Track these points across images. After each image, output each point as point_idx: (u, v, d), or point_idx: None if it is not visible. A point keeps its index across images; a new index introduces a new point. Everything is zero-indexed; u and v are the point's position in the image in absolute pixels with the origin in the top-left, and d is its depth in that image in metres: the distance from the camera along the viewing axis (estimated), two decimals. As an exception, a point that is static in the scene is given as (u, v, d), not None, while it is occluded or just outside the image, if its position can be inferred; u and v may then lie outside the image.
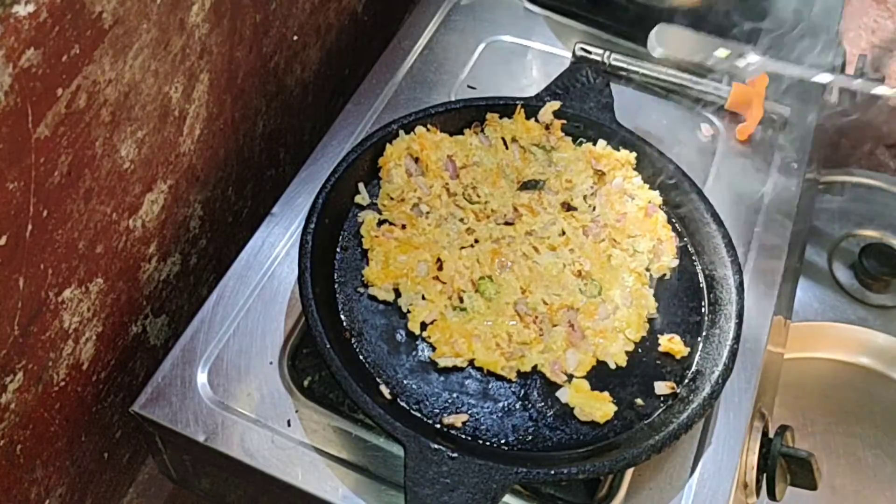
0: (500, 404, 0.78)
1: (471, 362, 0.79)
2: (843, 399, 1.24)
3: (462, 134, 0.93)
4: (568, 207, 0.89)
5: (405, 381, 0.78)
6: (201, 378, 0.80)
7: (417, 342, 0.80)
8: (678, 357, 0.81)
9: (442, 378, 0.78)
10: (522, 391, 0.79)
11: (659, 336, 0.83)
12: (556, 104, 0.93)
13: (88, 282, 0.78)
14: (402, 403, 0.76)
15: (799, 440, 0.87)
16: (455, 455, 0.70)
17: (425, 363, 0.79)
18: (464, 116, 0.94)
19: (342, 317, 0.81)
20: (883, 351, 1.26)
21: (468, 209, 0.87)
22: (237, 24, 0.89)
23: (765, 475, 0.83)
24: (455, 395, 0.78)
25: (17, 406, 0.74)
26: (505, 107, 0.94)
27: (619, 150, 0.93)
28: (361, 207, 0.88)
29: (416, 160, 0.89)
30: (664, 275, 0.87)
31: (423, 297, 0.82)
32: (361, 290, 0.83)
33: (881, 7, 1.42)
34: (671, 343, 0.82)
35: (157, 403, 0.79)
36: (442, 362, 0.78)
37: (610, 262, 0.85)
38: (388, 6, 1.28)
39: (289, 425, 0.78)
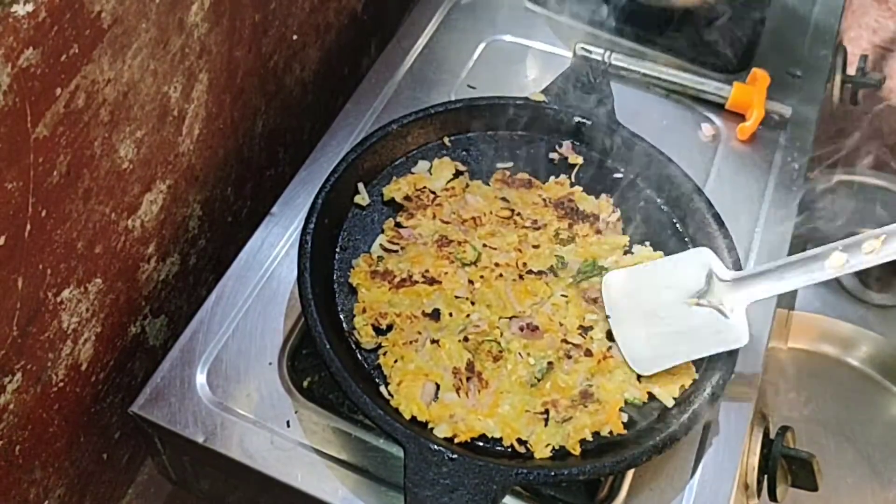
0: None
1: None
2: (839, 398, 1.24)
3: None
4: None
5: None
6: (200, 379, 0.80)
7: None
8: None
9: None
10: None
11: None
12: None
13: (87, 282, 0.78)
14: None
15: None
16: (455, 456, 0.69)
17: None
18: (464, 116, 0.94)
19: (342, 317, 0.81)
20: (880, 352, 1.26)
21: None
22: (236, 23, 0.89)
23: (766, 476, 0.83)
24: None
25: (15, 407, 0.74)
26: (505, 107, 0.94)
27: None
28: (361, 208, 0.88)
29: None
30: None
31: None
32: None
33: (882, 7, 1.42)
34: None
35: (156, 404, 0.78)
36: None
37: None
38: (387, 5, 1.28)
39: (288, 426, 0.78)
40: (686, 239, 0.89)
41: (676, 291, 0.79)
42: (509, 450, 0.74)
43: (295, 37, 1.03)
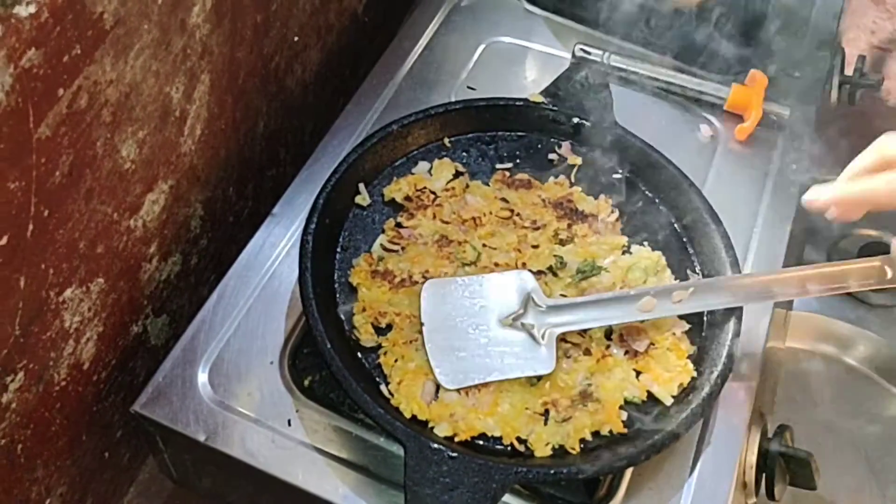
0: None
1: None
2: (837, 397, 1.24)
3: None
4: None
5: (405, 381, 0.78)
6: (202, 378, 0.80)
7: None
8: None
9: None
10: (522, 391, 0.79)
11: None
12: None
13: (89, 282, 0.78)
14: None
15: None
16: (455, 455, 0.70)
17: (425, 363, 0.79)
18: (464, 117, 0.94)
19: (342, 317, 0.81)
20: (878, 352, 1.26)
21: None
22: (238, 24, 0.89)
23: (764, 475, 0.83)
24: (455, 394, 0.78)
25: (18, 406, 0.74)
26: (505, 108, 0.94)
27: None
28: (362, 208, 0.88)
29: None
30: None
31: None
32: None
33: (880, 8, 1.42)
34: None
35: (158, 403, 0.79)
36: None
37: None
38: (388, 7, 1.28)
39: (289, 425, 0.78)
40: (684, 239, 0.89)
41: (493, 310, 0.80)
42: (509, 448, 0.75)
43: (296, 38, 1.03)
